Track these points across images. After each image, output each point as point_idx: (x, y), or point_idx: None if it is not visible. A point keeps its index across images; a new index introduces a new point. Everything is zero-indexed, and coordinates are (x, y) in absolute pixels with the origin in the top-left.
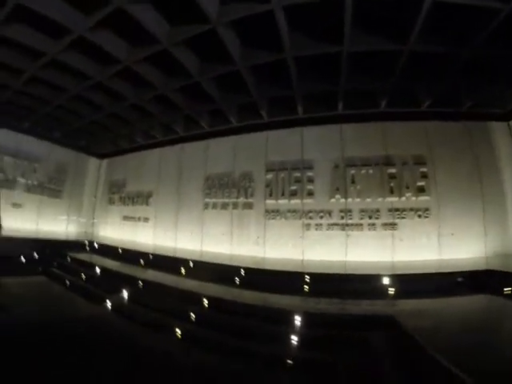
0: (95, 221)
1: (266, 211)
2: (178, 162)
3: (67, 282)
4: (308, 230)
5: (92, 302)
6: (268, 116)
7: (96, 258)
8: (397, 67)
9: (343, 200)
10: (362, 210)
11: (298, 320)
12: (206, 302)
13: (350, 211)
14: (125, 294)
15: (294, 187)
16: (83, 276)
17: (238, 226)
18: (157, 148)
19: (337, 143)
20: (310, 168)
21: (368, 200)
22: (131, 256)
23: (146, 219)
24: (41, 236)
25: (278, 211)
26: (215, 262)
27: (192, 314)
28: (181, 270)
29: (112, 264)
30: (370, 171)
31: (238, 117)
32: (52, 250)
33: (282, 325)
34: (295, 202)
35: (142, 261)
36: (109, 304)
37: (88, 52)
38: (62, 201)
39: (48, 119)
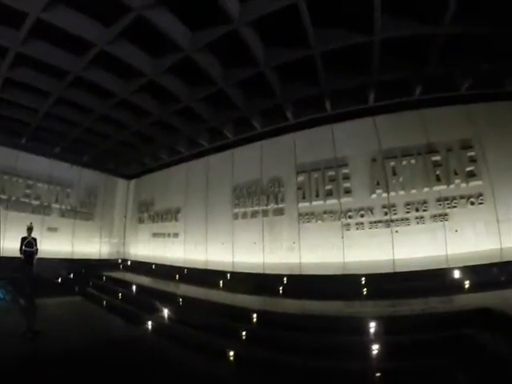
0: (126, 240)
1: (300, 215)
2: (205, 175)
3: (104, 303)
4: (348, 230)
5: (130, 322)
6: (294, 117)
7: (130, 276)
8: (431, 52)
9: (385, 195)
10: (408, 204)
11: (376, 327)
12: (254, 316)
13: (393, 206)
14: (164, 311)
15: (328, 187)
16: (120, 295)
17: (270, 233)
18: (183, 163)
19: (371, 136)
20: (345, 165)
21: (413, 191)
22: (165, 271)
23: (176, 234)
24: (76, 257)
25: (312, 214)
26: (253, 272)
27: (240, 330)
28: (218, 282)
29: (147, 281)
30: (412, 161)
31: (263, 122)
32: (87, 270)
33: (362, 335)
34: (331, 202)
35: (177, 276)
36: (149, 324)
37: (111, 67)
38: (94, 223)
39: (77, 143)
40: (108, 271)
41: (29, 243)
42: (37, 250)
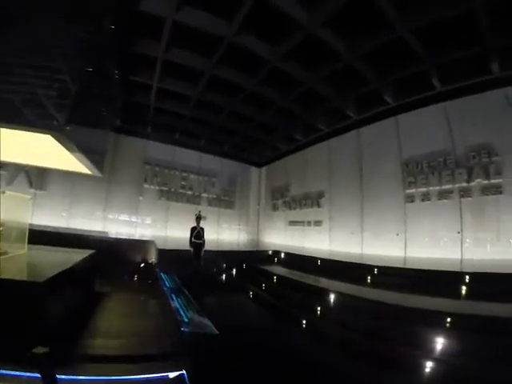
0: (260, 228)
1: None
2: (356, 150)
3: (303, 324)
4: None
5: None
6: (501, 68)
7: (301, 276)
8: None
9: None
10: None
11: None
12: None
13: None
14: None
15: None
16: (318, 312)
17: (476, 219)
18: (322, 142)
19: None
20: None
21: None
22: (339, 269)
23: (318, 222)
24: (223, 248)
25: None
26: None
27: None
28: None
29: (327, 284)
30: None
31: (444, 78)
32: (247, 265)
33: None
34: None
35: (368, 278)
36: None
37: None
38: (234, 211)
39: (219, 133)
40: (268, 266)
41: (198, 234)
42: (204, 241)
